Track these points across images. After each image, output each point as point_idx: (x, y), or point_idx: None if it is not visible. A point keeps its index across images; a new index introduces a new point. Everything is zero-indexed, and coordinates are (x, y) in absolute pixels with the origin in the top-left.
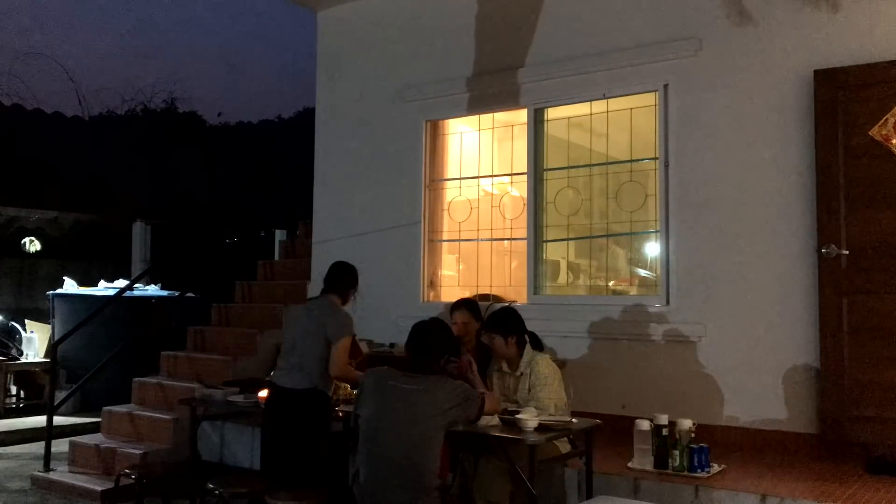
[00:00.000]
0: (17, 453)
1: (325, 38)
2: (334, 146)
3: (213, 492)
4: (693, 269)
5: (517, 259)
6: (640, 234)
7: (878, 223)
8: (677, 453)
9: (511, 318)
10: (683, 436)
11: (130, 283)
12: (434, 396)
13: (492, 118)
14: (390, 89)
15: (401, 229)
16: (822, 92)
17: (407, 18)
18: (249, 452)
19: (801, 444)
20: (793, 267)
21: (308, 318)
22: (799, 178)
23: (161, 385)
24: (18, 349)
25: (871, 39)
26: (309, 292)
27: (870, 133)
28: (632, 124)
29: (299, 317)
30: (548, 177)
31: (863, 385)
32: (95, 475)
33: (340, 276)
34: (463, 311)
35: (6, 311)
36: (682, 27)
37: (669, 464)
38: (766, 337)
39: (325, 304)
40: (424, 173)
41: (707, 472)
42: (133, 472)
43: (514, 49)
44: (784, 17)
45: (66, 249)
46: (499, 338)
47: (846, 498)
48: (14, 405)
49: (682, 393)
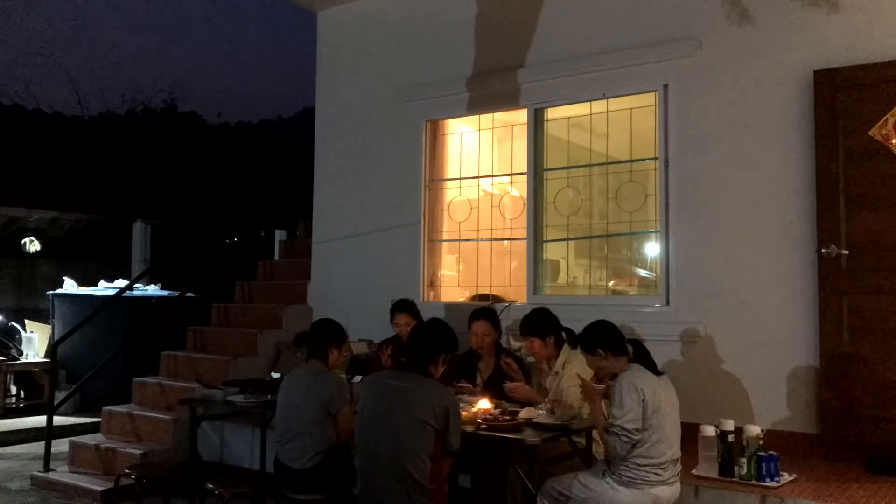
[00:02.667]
0: (17, 453)
1: (325, 38)
2: (334, 146)
3: (213, 492)
4: (693, 269)
5: (517, 259)
6: (640, 234)
7: (878, 223)
8: (744, 461)
9: (545, 318)
10: (751, 442)
11: (130, 283)
12: (422, 395)
13: (492, 118)
14: (390, 89)
15: (401, 229)
16: (821, 92)
17: (407, 18)
18: (249, 452)
19: (801, 443)
20: (793, 267)
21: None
22: (799, 179)
23: (161, 385)
24: (18, 349)
25: (871, 39)
26: (309, 292)
27: (870, 133)
28: (632, 124)
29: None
30: (548, 177)
31: (863, 385)
32: (95, 475)
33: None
34: (483, 321)
35: (6, 311)
36: (682, 27)
37: (736, 472)
38: (765, 337)
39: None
40: (424, 173)
41: (777, 482)
42: (133, 472)
43: (514, 49)
44: (784, 17)
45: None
46: (537, 340)
47: (846, 498)
48: (14, 405)
49: (681, 393)
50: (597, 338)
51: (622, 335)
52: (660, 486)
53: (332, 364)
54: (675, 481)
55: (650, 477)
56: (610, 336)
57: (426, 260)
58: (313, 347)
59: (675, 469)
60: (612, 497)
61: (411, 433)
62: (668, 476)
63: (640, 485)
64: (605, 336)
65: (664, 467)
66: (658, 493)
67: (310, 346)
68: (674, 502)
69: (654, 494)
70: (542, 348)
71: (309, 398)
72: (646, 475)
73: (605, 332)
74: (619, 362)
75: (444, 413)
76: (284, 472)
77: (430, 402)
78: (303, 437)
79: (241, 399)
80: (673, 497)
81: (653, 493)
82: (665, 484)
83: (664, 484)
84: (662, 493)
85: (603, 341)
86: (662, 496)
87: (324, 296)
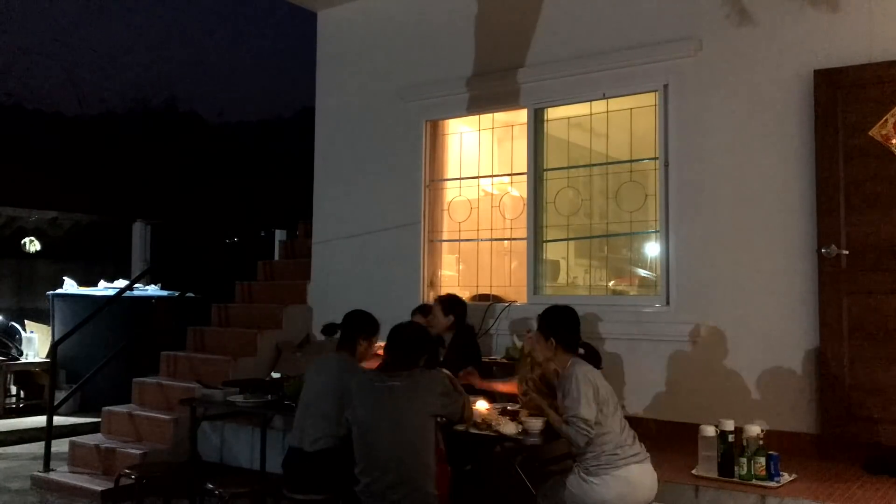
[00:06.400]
0: (17, 453)
1: (326, 38)
2: (334, 146)
3: (213, 492)
4: (693, 269)
5: (517, 259)
6: (640, 234)
7: (878, 223)
8: (744, 461)
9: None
10: (751, 442)
11: (130, 283)
12: (416, 388)
13: (492, 118)
14: (390, 89)
15: (401, 229)
16: (821, 92)
17: (407, 18)
18: (249, 452)
19: (801, 443)
20: (793, 267)
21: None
22: (799, 179)
23: (161, 385)
24: (18, 349)
25: (871, 39)
26: (309, 292)
27: (870, 133)
28: (632, 124)
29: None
30: (548, 177)
31: (862, 385)
32: (95, 475)
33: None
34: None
35: (6, 312)
36: (682, 27)
37: (736, 472)
38: (765, 337)
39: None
40: (424, 173)
41: (777, 482)
42: (133, 472)
43: (514, 49)
44: (784, 17)
45: (65, 249)
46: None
47: (846, 498)
48: (14, 405)
49: (681, 393)
50: (557, 326)
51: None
52: (627, 466)
53: (360, 356)
54: (645, 458)
55: (616, 461)
56: (569, 331)
57: (426, 260)
58: (343, 337)
59: (638, 446)
60: (588, 490)
61: (415, 430)
62: (632, 453)
63: (608, 469)
64: (564, 328)
65: (622, 447)
66: (628, 473)
67: (342, 335)
68: (655, 486)
69: (623, 477)
70: (536, 343)
71: (333, 385)
72: (610, 459)
73: (569, 324)
74: (565, 357)
75: (440, 389)
76: (294, 459)
77: (425, 386)
78: (320, 418)
79: (241, 399)
80: (650, 476)
81: (622, 475)
82: (634, 462)
83: (633, 462)
84: (633, 472)
85: (559, 333)
86: (635, 474)
87: (324, 296)
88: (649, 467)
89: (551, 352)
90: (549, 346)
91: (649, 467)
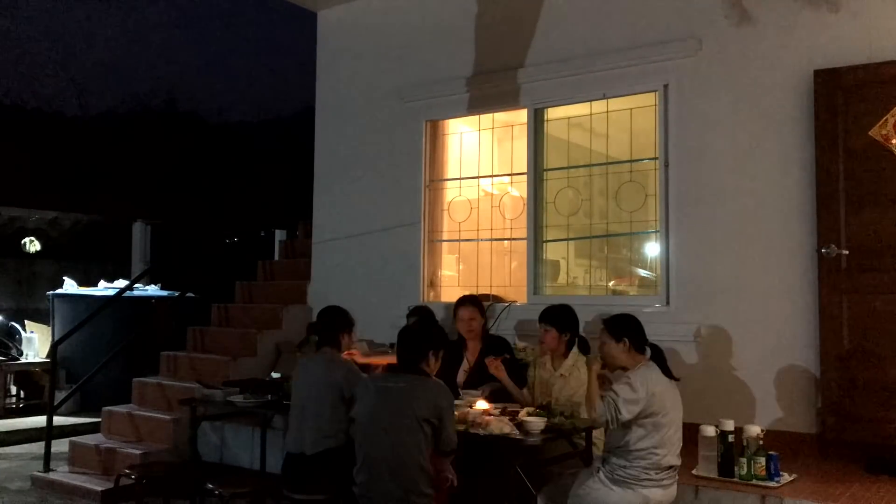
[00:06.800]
0: (17, 453)
1: (325, 38)
2: (334, 146)
3: (213, 492)
4: (693, 268)
5: (517, 259)
6: (640, 234)
7: (878, 223)
8: (744, 461)
9: (569, 314)
10: (751, 442)
11: (130, 283)
12: (415, 393)
13: (492, 118)
14: (390, 89)
15: (401, 229)
16: (822, 92)
17: (406, 18)
18: (249, 452)
19: (801, 444)
20: (793, 267)
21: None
22: (799, 178)
23: (161, 385)
24: (18, 349)
25: (871, 39)
26: (309, 292)
27: (870, 133)
28: (632, 124)
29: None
30: (548, 177)
31: (863, 385)
32: (95, 475)
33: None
34: (468, 306)
35: (6, 312)
36: (682, 27)
37: (736, 472)
38: (765, 337)
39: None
40: (424, 173)
41: (777, 482)
42: (133, 472)
43: (514, 49)
44: (784, 17)
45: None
46: (554, 331)
47: (846, 498)
48: (14, 405)
49: (681, 393)
50: (626, 327)
51: (646, 336)
52: (652, 489)
53: (345, 349)
54: (671, 485)
55: (643, 478)
56: (637, 332)
57: (426, 260)
58: (324, 335)
59: (672, 473)
60: (605, 495)
61: (410, 431)
62: (663, 479)
63: (633, 484)
64: (633, 329)
65: (660, 471)
66: (650, 494)
67: (321, 334)
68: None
69: (644, 495)
70: (555, 340)
71: (323, 382)
72: (639, 475)
73: (635, 326)
74: (633, 358)
75: (438, 411)
76: (293, 463)
77: (426, 398)
78: (317, 419)
79: (241, 399)
80: (666, 499)
81: (644, 494)
82: (659, 486)
83: (658, 486)
84: (654, 494)
85: (631, 332)
86: (654, 498)
87: (324, 296)
88: (673, 492)
89: (624, 353)
90: (622, 346)
91: (673, 492)
